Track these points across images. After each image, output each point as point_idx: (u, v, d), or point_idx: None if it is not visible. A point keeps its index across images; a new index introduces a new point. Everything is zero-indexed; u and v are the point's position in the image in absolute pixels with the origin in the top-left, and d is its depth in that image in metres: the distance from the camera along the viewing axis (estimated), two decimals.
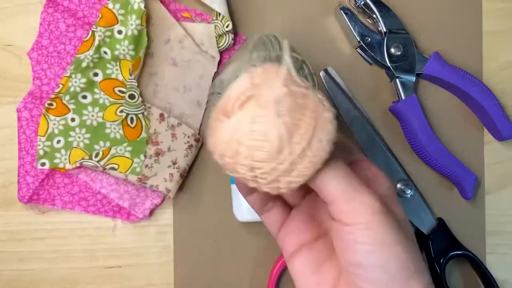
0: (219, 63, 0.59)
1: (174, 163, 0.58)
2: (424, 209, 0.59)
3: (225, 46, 0.59)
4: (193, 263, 0.60)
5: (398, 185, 0.59)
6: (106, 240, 0.59)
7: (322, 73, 0.60)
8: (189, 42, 0.58)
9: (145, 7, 0.56)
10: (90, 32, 0.56)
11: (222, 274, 0.60)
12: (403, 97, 0.58)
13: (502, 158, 0.62)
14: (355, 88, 0.61)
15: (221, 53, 0.59)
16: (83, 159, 0.56)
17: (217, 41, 0.59)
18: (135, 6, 0.56)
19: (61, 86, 0.56)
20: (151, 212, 0.59)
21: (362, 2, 0.59)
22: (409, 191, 0.58)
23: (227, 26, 0.57)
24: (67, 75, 0.56)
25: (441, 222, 0.59)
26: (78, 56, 0.56)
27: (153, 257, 0.60)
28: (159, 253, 0.60)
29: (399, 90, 0.59)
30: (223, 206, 0.60)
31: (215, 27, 0.58)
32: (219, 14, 0.58)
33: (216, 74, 0.59)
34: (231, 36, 0.58)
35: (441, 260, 0.57)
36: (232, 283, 0.59)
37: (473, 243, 0.60)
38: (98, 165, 0.56)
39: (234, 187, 0.57)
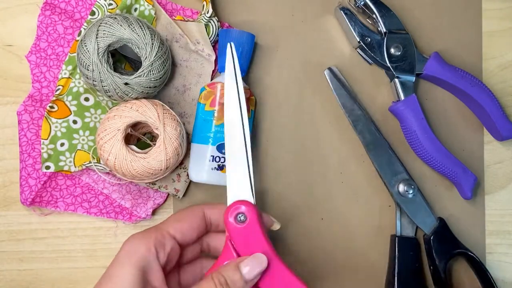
0: (215, 61, 0.59)
1: (181, 163, 0.58)
2: (426, 209, 0.59)
3: (213, 36, 0.58)
4: None
5: (401, 185, 0.59)
6: (106, 240, 0.60)
7: (326, 72, 0.60)
8: (185, 41, 0.58)
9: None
10: (82, 29, 0.56)
11: None
12: (403, 97, 0.58)
13: (502, 158, 0.62)
14: (355, 88, 0.61)
15: (214, 48, 0.59)
16: (90, 162, 0.56)
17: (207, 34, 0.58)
18: (146, 13, 0.57)
19: (60, 87, 0.56)
20: (153, 212, 0.59)
21: (362, 2, 0.59)
22: (411, 191, 0.58)
23: (207, 12, 0.57)
24: (66, 76, 0.56)
25: (442, 222, 0.59)
26: (71, 54, 0.56)
27: None
28: None
29: (399, 90, 0.59)
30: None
31: (202, 21, 0.58)
32: (203, 6, 0.57)
33: (214, 72, 0.59)
34: (216, 24, 0.58)
35: (443, 260, 0.57)
36: None
37: (473, 243, 0.60)
38: (105, 168, 0.56)
39: (195, 146, 0.57)
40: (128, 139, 0.55)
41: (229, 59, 0.49)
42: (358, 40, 0.59)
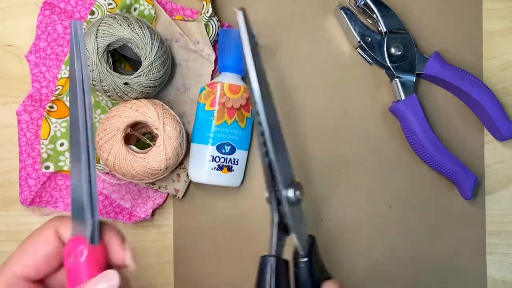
0: (215, 60, 0.59)
1: (181, 163, 0.58)
2: (304, 223, 0.45)
3: (213, 36, 0.58)
4: (193, 263, 0.60)
5: (290, 190, 0.43)
6: None
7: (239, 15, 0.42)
8: (185, 41, 0.58)
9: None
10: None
11: (221, 274, 0.60)
12: (403, 97, 0.58)
13: (502, 158, 0.62)
14: (355, 88, 0.61)
15: (214, 48, 0.59)
16: None
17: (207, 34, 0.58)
18: (146, 12, 0.57)
19: (59, 87, 0.56)
20: (153, 212, 0.59)
21: (362, 2, 0.58)
22: (300, 197, 0.44)
23: (207, 12, 0.57)
24: (65, 76, 0.56)
25: (312, 240, 0.45)
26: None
27: (153, 257, 0.60)
28: (159, 253, 0.60)
29: (399, 90, 0.59)
30: (223, 207, 0.60)
31: (202, 21, 0.58)
32: (203, 6, 0.57)
33: (214, 72, 0.59)
34: (216, 23, 0.58)
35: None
36: (231, 283, 0.59)
37: (473, 243, 0.60)
38: (105, 168, 0.56)
39: (194, 146, 0.57)
40: (128, 139, 0.55)
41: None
42: (359, 39, 0.59)
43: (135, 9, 0.57)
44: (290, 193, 0.43)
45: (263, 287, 0.42)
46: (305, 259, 0.44)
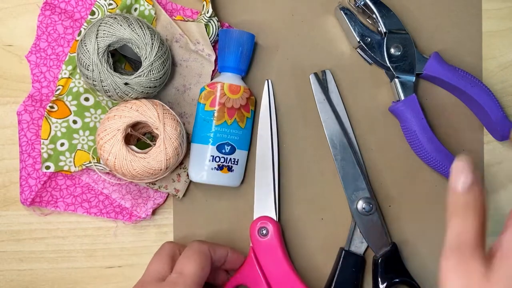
0: (215, 60, 0.59)
1: (181, 163, 0.58)
2: (381, 231, 0.58)
3: (213, 36, 0.58)
4: None
5: (360, 202, 0.58)
6: (106, 240, 0.60)
7: (311, 76, 0.59)
8: (185, 41, 0.58)
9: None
10: (82, 29, 0.56)
11: None
12: (403, 97, 0.58)
13: (501, 158, 0.62)
14: (355, 88, 0.61)
15: (214, 48, 0.59)
16: (90, 162, 0.56)
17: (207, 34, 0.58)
18: (146, 13, 0.57)
19: (60, 87, 0.56)
20: (153, 212, 0.59)
21: (362, 2, 0.58)
22: (369, 210, 0.58)
23: (207, 12, 0.57)
24: (65, 76, 0.56)
25: (394, 247, 0.58)
26: (71, 54, 0.56)
27: None
28: None
29: (399, 90, 0.59)
30: (222, 207, 0.60)
31: (202, 21, 0.58)
32: (203, 6, 0.57)
33: (214, 72, 0.59)
34: (216, 23, 0.58)
35: (386, 283, 0.57)
36: None
37: None
38: (105, 168, 0.56)
39: (195, 146, 0.57)
40: (128, 139, 0.55)
41: (266, 92, 0.59)
42: (358, 40, 0.59)
43: (135, 9, 0.57)
44: (359, 205, 0.58)
45: (332, 269, 0.59)
46: (377, 260, 0.58)
